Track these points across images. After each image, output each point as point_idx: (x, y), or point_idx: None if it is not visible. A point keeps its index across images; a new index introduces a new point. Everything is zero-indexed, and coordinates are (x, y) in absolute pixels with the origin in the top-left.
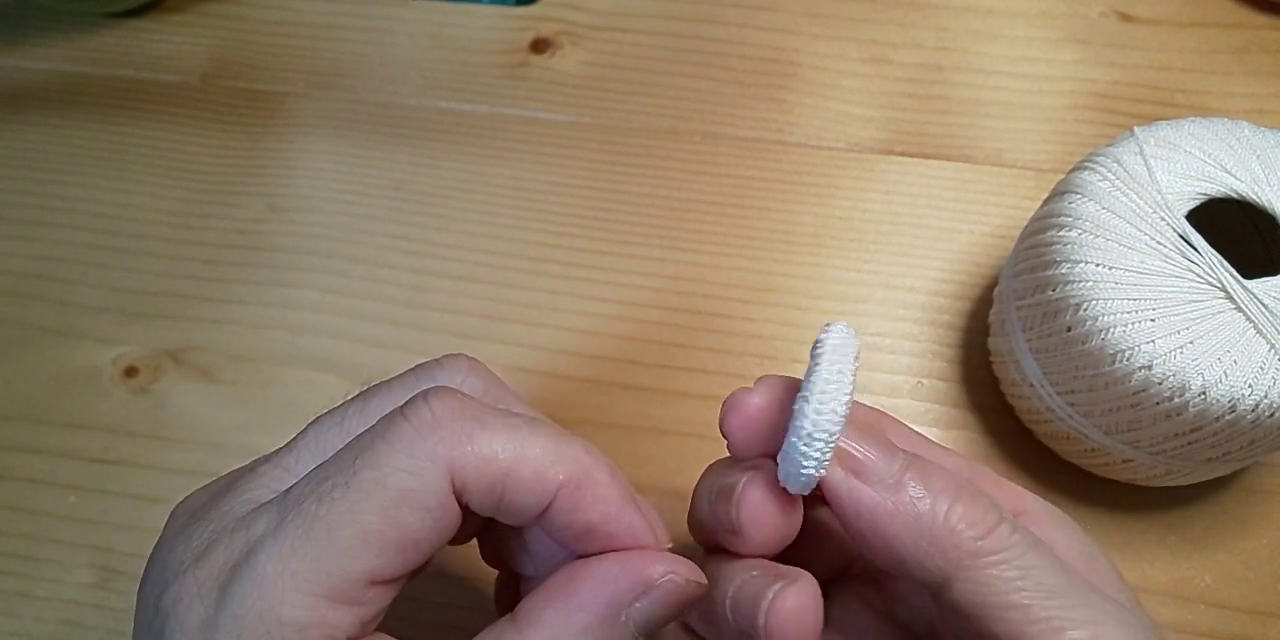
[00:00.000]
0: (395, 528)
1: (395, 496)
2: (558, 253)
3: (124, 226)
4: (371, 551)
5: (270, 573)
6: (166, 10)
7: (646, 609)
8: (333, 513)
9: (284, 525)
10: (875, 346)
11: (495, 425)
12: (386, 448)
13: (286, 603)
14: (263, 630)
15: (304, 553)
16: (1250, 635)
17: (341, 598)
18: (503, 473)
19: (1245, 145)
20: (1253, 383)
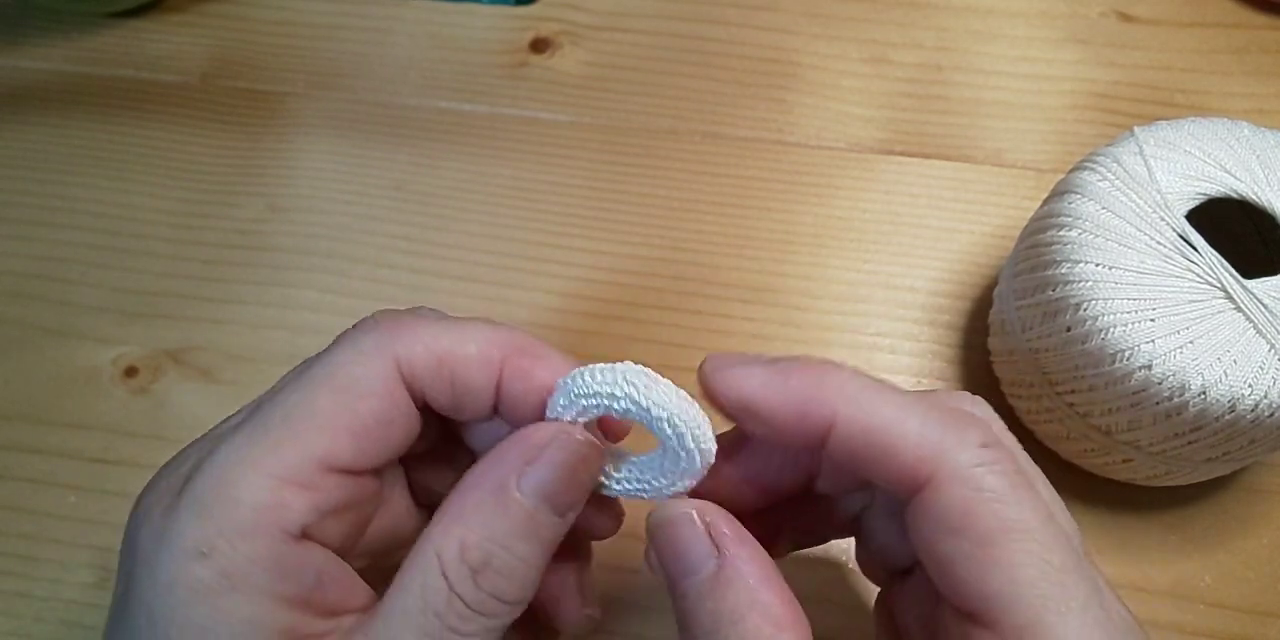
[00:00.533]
0: (346, 412)
1: (342, 383)
2: (558, 253)
3: (124, 226)
4: (324, 435)
5: (228, 459)
6: (166, 10)
7: (537, 473)
8: (287, 403)
9: (244, 422)
10: (875, 346)
11: (433, 319)
12: (334, 348)
13: (242, 484)
14: (220, 510)
15: (259, 439)
16: (1250, 635)
17: (296, 480)
18: (446, 352)
19: (1245, 145)
20: (1252, 382)
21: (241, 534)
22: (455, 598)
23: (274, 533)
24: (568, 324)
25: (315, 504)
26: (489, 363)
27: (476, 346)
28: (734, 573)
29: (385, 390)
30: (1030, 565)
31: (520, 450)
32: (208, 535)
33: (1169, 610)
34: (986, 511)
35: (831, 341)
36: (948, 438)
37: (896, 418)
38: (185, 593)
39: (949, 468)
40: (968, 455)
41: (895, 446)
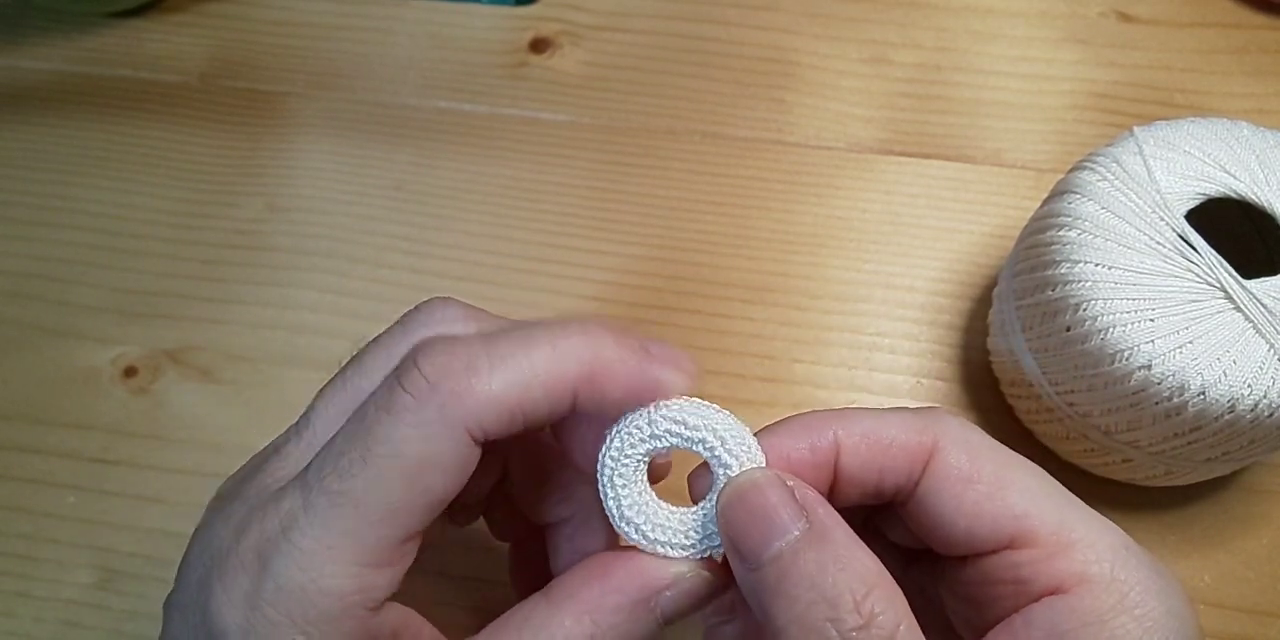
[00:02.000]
0: (421, 493)
1: (415, 466)
2: (558, 253)
3: (124, 226)
4: (400, 517)
5: (307, 547)
6: (166, 10)
7: (674, 599)
8: (356, 488)
9: (312, 503)
10: (875, 346)
11: (488, 365)
12: (393, 420)
13: (326, 573)
14: (306, 599)
15: (335, 526)
16: (1250, 635)
17: (377, 561)
18: (514, 404)
19: (1245, 145)
20: (1252, 382)
21: (331, 621)
22: None
23: (360, 613)
24: None
25: (394, 576)
26: (560, 399)
27: (543, 387)
28: (827, 530)
29: (455, 462)
30: (1039, 487)
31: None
32: (301, 627)
33: None
34: (986, 457)
35: (831, 341)
36: (930, 416)
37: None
38: None
39: (945, 435)
40: (952, 424)
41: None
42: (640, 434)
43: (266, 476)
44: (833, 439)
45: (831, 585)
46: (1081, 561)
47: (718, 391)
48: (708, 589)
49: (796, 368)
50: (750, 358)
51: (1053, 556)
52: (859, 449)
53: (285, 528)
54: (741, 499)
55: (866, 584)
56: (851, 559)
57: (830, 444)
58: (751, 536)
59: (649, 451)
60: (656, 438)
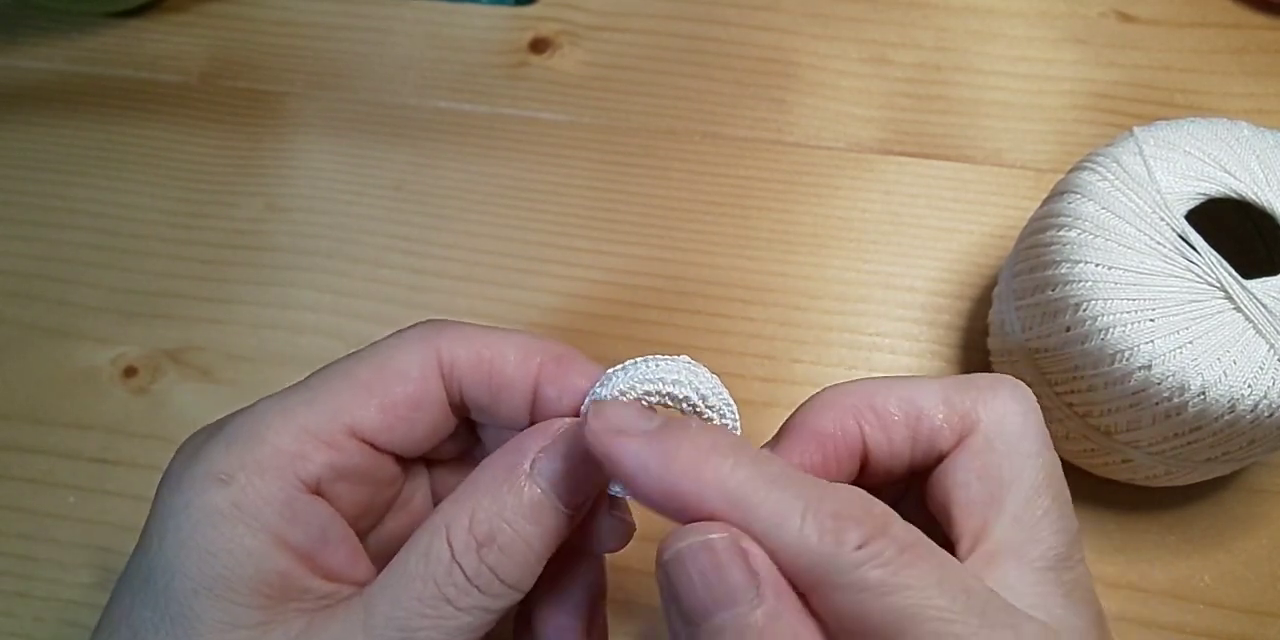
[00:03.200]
0: (380, 386)
1: (382, 361)
2: (557, 253)
3: (124, 226)
4: (355, 402)
5: (265, 407)
6: (166, 10)
7: (550, 461)
8: (329, 372)
9: (290, 387)
10: (875, 346)
11: (477, 325)
12: (384, 340)
13: (272, 428)
14: (245, 446)
15: (296, 395)
16: (1250, 635)
17: (321, 436)
18: (487, 350)
19: (1245, 145)
20: (1252, 383)
21: (260, 470)
22: (456, 568)
23: (289, 477)
24: (567, 324)
25: (333, 462)
26: (526, 365)
27: (515, 350)
28: (776, 608)
29: (421, 375)
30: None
31: (537, 436)
32: (230, 466)
33: (1169, 610)
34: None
35: (831, 341)
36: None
37: (775, 524)
38: (198, 514)
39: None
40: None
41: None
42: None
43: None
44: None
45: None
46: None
47: None
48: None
49: (796, 368)
50: (750, 358)
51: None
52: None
53: (255, 404)
54: (691, 558)
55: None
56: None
57: (697, 515)
58: (694, 599)
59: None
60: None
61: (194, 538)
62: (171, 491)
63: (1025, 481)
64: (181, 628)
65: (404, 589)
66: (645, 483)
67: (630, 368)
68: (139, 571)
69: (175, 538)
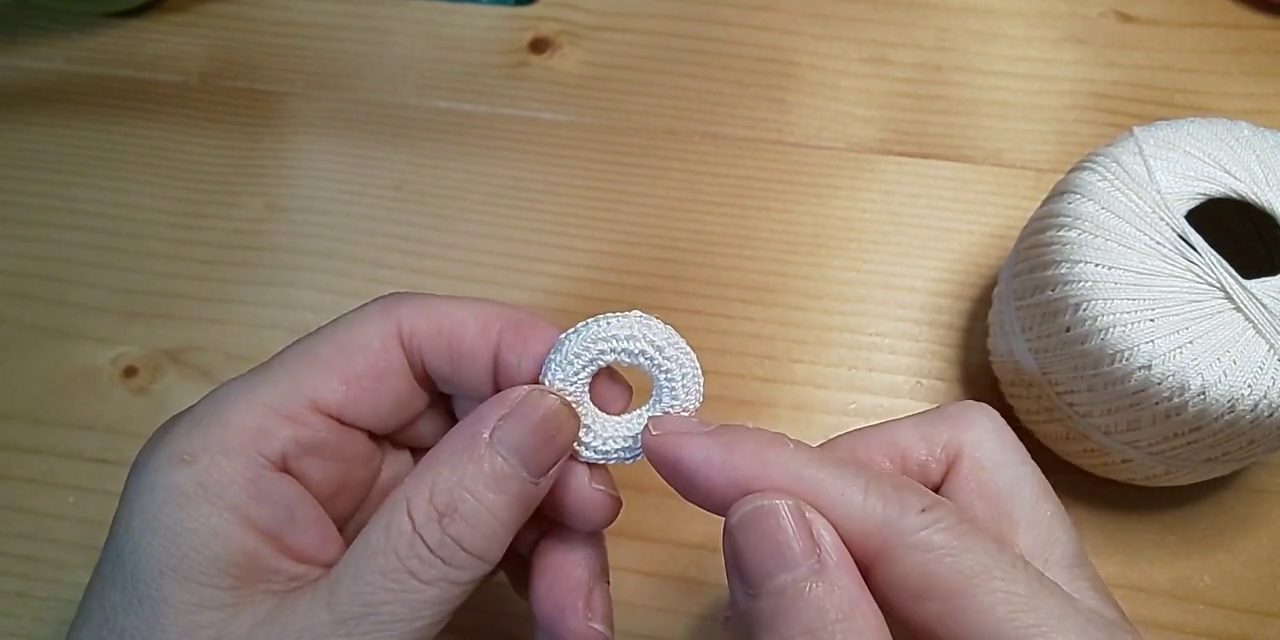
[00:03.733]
0: (341, 359)
1: (343, 335)
2: (557, 253)
3: (124, 226)
4: (317, 376)
5: (228, 389)
6: (166, 10)
7: (510, 427)
8: (292, 350)
9: (254, 367)
10: (875, 346)
11: (437, 295)
12: (346, 315)
13: (235, 407)
14: (208, 426)
15: (259, 374)
16: (1250, 635)
17: (283, 411)
18: (447, 319)
19: (1244, 145)
20: (1252, 383)
21: (224, 450)
22: (418, 539)
23: (253, 455)
24: (568, 324)
25: (297, 436)
26: (486, 332)
27: (475, 317)
28: (836, 574)
29: (381, 346)
30: (1000, 604)
31: (496, 406)
32: (193, 446)
33: (1169, 610)
34: (942, 568)
35: (831, 341)
36: (890, 510)
37: (839, 494)
38: (162, 494)
39: (897, 538)
40: (911, 523)
41: (840, 527)
42: (579, 356)
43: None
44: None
45: (827, 636)
46: None
47: (718, 391)
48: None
49: (796, 368)
50: (750, 358)
51: None
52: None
53: (218, 386)
54: (756, 521)
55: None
56: (854, 610)
57: None
58: (757, 561)
59: (590, 371)
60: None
61: (159, 518)
62: (138, 474)
63: (1024, 491)
64: (150, 609)
65: (366, 563)
66: (710, 474)
67: (582, 329)
68: (108, 555)
69: (141, 519)
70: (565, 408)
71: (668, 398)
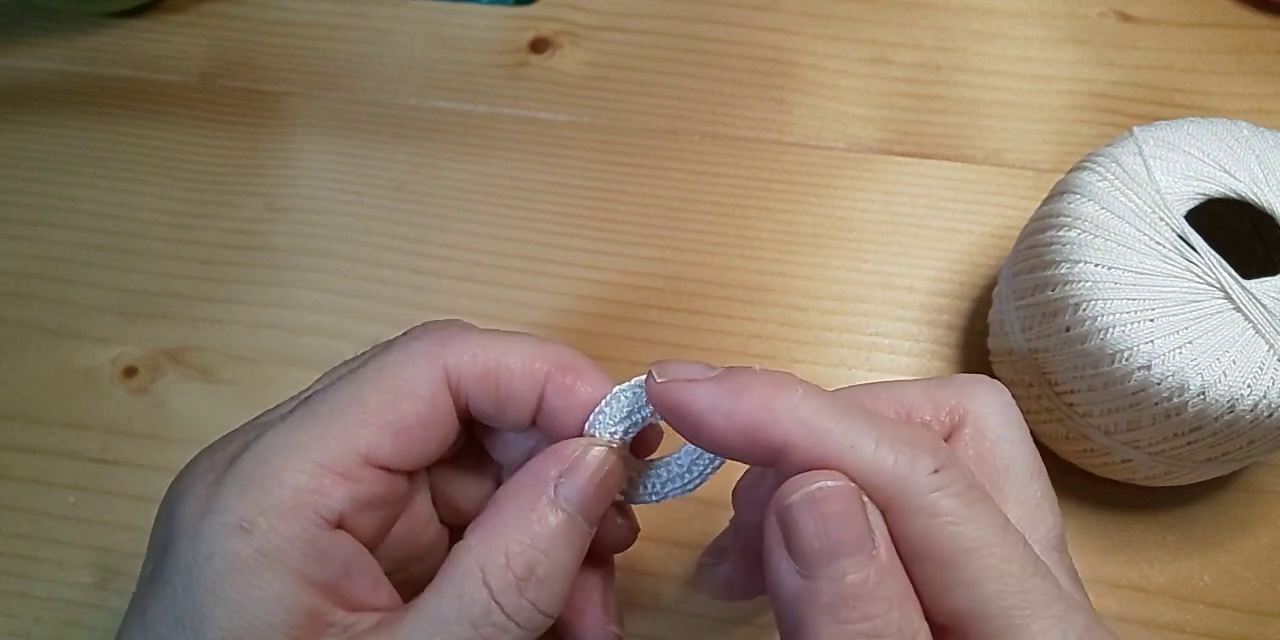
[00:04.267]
0: (391, 410)
1: (391, 382)
2: (558, 253)
3: (124, 226)
4: (369, 430)
5: (275, 444)
6: (166, 10)
7: (572, 484)
8: (336, 396)
9: (293, 411)
10: (875, 346)
11: (480, 331)
12: (384, 351)
13: (288, 468)
14: (263, 489)
15: (307, 427)
16: (1250, 635)
17: (338, 470)
18: (493, 362)
19: (1244, 145)
20: (1251, 383)
21: (281, 514)
22: (496, 607)
23: (311, 516)
24: (568, 324)
25: (352, 495)
26: (533, 376)
27: (522, 360)
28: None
29: (431, 393)
30: (992, 580)
31: (556, 462)
32: (249, 512)
33: (1168, 610)
34: (944, 535)
35: (831, 341)
36: (900, 466)
37: (849, 446)
38: (223, 564)
39: (904, 497)
40: (921, 483)
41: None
42: (618, 411)
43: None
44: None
45: (885, 623)
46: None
47: None
48: (604, 464)
49: (796, 368)
50: (750, 358)
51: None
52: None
53: (260, 434)
54: (819, 503)
55: (914, 628)
56: (907, 600)
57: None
58: (817, 543)
59: (630, 427)
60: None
61: (220, 588)
62: (190, 539)
63: (1019, 467)
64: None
65: (438, 632)
66: (716, 420)
67: (637, 387)
68: (162, 618)
69: (202, 588)
70: (620, 461)
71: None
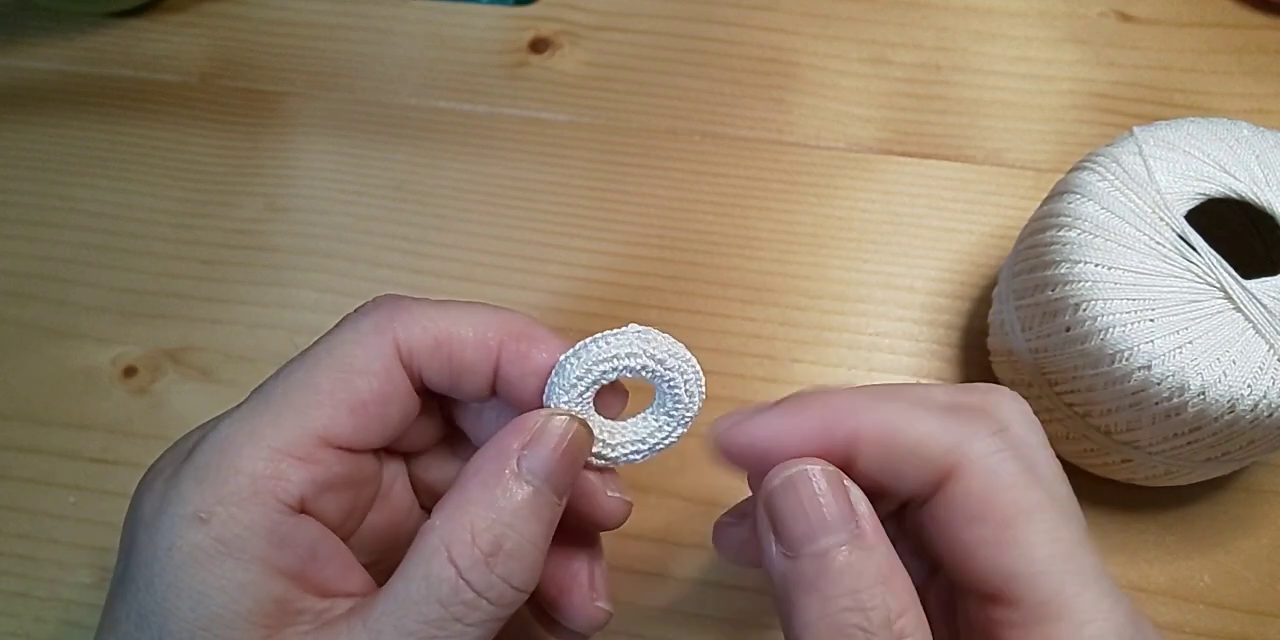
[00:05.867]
0: (345, 389)
1: (342, 361)
2: (557, 253)
3: (124, 226)
4: (323, 410)
5: (228, 433)
6: (166, 10)
7: (536, 455)
8: (289, 380)
9: (247, 401)
10: (875, 346)
11: (431, 302)
12: (336, 328)
13: (243, 455)
14: (219, 478)
15: (260, 412)
16: (1250, 635)
17: (295, 452)
18: (444, 333)
19: (1244, 145)
20: (1252, 383)
21: (239, 502)
22: (464, 585)
23: (270, 502)
24: (567, 324)
25: (312, 477)
26: (486, 345)
27: (474, 329)
28: (875, 541)
29: (383, 368)
30: (1045, 543)
31: (516, 435)
32: (206, 502)
33: (1168, 610)
34: (1003, 497)
35: (831, 341)
36: (963, 430)
37: (912, 420)
38: (183, 557)
39: (966, 460)
40: (983, 445)
41: (918, 446)
42: (581, 376)
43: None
44: (851, 431)
45: (869, 596)
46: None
47: (718, 391)
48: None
49: (796, 368)
50: (750, 358)
51: (1031, 625)
52: (877, 448)
53: (215, 425)
54: (796, 486)
55: (902, 604)
56: (892, 574)
57: (846, 435)
58: (798, 525)
59: (591, 386)
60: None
61: (183, 580)
62: (149, 533)
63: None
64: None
65: (408, 614)
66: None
67: (581, 350)
68: (129, 615)
69: (163, 581)
70: (584, 428)
71: (670, 402)
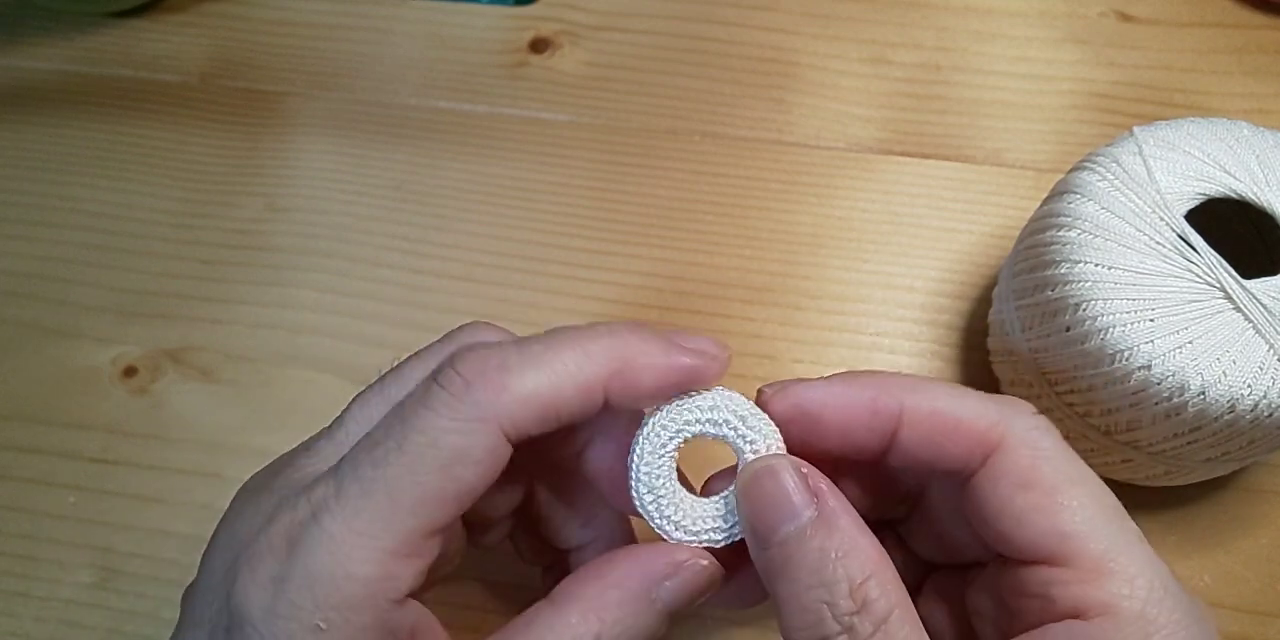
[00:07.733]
0: (452, 483)
1: (449, 456)
2: (558, 253)
3: (124, 226)
4: (430, 507)
5: (337, 533)
6: (166, 10)
7: (674, 588)
8: (390, 475)
9: (345, 489)
10: (875, 346)
11: (519, 364)
12: (430, 414)
13: (355, 559)
14: (332, 584)
15: (368, 513)
16: (1250, 635)
17: (405, 551)
18: (547, 402)
19: (1244, 145)
20: (1252, 383)
21: (354, 608)
22: None
23: (383, 603)
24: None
25: (420, 569)
26: (593, 394)
27: (573, 385)
28: (834, 517)
29: (492, 459)
30: (1094, 506)
31: (664, 565)
32: (323, 611)
33: None
34: (1049, 467)
35: (831, 341)
36: (1005, 410)
37: (956, 400)
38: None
39: (1013, 433)
40: (1024, 422)
41: (963, 421)
42: (667, 430)
43: (296, 471)
44: (898, 406)
45: (830, 571)
46: (1113, 593)
47: None
48: (707, 577)
49: (796, 368)
50: (750, 358)
51: (1085, 582)
52: (923, 424)
53: (316, 514)
54: (757, 482)
55: (865, 571)
56: (854, 547)
57: (894, 410)
58: (764, 518)
59: (677, 445)
60: (681, 431)
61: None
62: (261, 634)
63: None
64: None
65: None
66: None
67: (666, 408)
68: None
69: None
70: (718, 572)
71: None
